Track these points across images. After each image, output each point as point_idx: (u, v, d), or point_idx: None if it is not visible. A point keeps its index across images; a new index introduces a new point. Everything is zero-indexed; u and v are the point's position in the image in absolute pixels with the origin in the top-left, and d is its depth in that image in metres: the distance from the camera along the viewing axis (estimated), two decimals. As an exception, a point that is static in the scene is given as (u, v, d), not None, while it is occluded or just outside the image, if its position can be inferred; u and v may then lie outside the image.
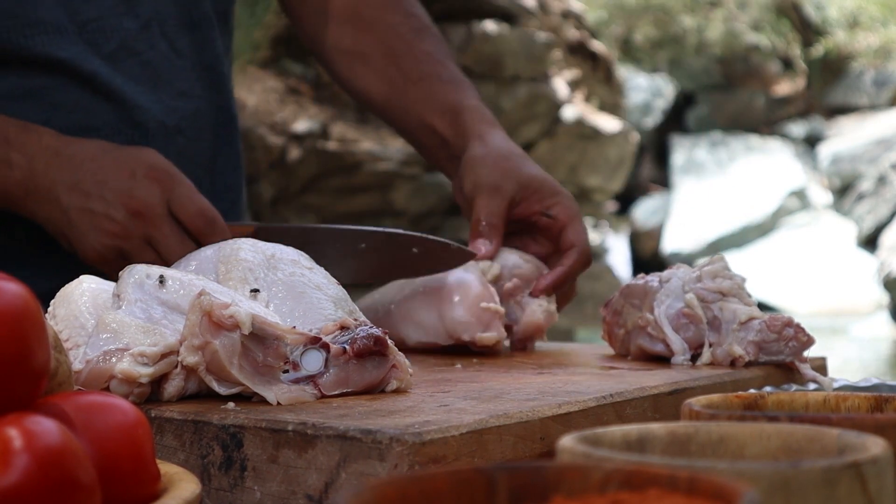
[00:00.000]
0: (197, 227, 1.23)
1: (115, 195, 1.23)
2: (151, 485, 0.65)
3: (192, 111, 1.41)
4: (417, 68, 1.42)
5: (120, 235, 1.23)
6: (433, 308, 1.21)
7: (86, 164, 1.25)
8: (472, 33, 6.28)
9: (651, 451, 0.61)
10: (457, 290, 1.21)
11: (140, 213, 1.23)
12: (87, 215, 1.23)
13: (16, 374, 0.59)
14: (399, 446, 0.73)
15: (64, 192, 1.24)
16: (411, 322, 1.23)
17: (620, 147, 7.78)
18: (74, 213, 1.24)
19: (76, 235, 1.24)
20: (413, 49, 1.44)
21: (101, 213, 1.23)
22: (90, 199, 1.24)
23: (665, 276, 1.17)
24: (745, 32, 12.12)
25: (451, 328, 1.20)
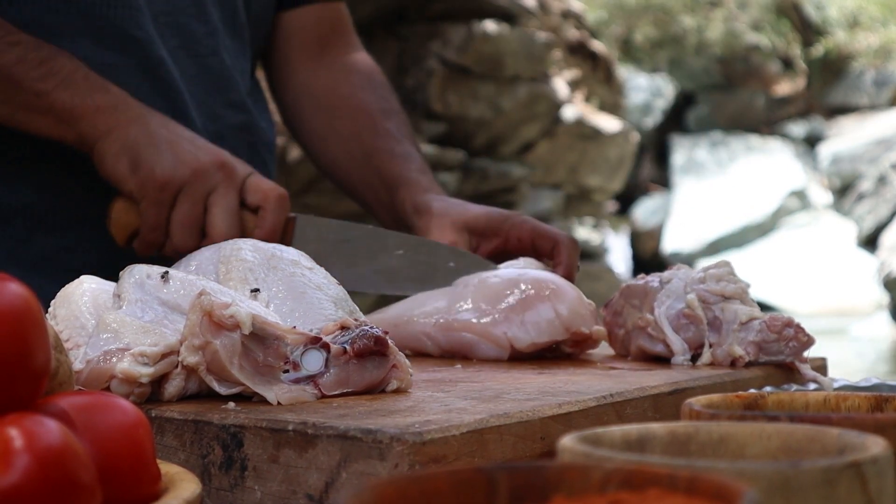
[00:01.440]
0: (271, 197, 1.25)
1: (207, 147, 1.26)
2: (152, 485, 0.65)
3: (236, 123, 1.44)
4: (373, 143, 1.48)
5: (196, 172, 1.23)
6: (545, 306, 1.17)
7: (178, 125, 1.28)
8: (472, 33, 6.28)
9: (651, 450, 0.61)
10: (560, 288, 1.19)
11: (224, 166, 1.24)
12: (174, 146, 1.24)
13: (16, 374, 0.59)
14: (399, 446, 0.73)
15: (156, 123, 1.25)
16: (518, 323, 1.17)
17: (620, 147, 7.78)
18: (161, 140, 1.24)
19: (150, 155, 1.23)
20: (377, 126, 1.50)
21: (187, 150, 1.24)
22: (181, 139, 1.25)
23: (666, 276, 1.17)
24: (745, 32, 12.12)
25: (570, 322, 1.16)
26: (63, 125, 1.25)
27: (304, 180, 5.42)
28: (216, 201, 1.24)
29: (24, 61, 1.23)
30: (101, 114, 1.24)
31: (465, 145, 6.46)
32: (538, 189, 7.23)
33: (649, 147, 11.85)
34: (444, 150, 6.15)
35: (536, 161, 7.07)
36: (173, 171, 1.22)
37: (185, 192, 1.23)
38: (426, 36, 6.25)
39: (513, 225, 1.34)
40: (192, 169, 1.23)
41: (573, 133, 7.31)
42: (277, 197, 1.26)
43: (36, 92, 1.24)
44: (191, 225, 1.23)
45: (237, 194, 1.25)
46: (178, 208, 1.23)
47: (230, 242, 1.05)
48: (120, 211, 1.26)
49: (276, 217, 1.26)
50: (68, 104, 1.24)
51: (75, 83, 1.24)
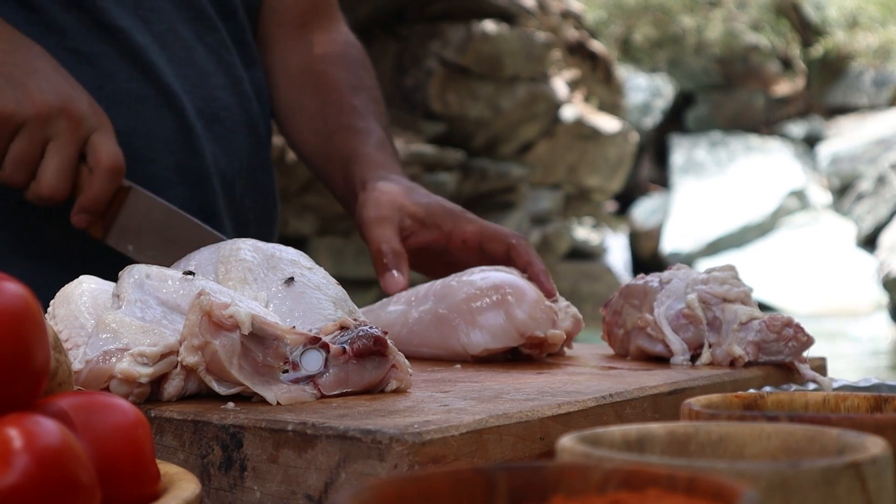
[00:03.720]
0: (104, 163, 1.23)
1: (60, 88, 1.22)
2: (151, 485, 0.65)
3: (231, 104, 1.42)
4: (339, 118, 1.46)
5: (40, 115, 1.20)
6: (497, 311, 1.15)
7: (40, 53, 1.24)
8: (471, 33, 6.28)
9: (650, 450, 0.61)
10: (516, 291, 1.16)
11: (71, 115, 1.22)
12: (24, 78, 1.21)
13: (16, 375, 0.59)
14: (399, 446, 0.73)
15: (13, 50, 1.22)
16: (474, 328, 1.15)
17: (620, 147, 7.78)
18: (12, 69, 1.20)
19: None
20: (343, 102, 1.47)
21: (38, 87, 1.21)
22: (34, 70, 1.22)
23: (665, 276, 1.17)
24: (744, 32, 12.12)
25: (523, 326, 1.14)
26: None
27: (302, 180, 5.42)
28: (52, 150, 1.22)
29: None
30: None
31: (465, 145, 6.46)
32: (537, 189, 7.23)
33: (648, 147, 11.85)
34: (444, 150, 6.15)
35: (536, 161, 7.07)
36: (16, 106, 1.20)
37: (25, 131, 1.21)
38: (425, 36, 6.25)
39: (457, 223, 1.30)
40: (37, 111, 1.20)
41: (572, 133, 7.31)
42: (110, 166, 1.23)
43: None
44: (23, 163, 1.21)
45: (76, 148, 1.23)
46: (15, 144, 1.21)
47: (229, 242, 1.05)
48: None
49: (102, 185, 1.23)
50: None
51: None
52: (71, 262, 1.27)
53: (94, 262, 1.21)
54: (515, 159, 6.88)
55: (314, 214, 5.63)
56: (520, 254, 1.27)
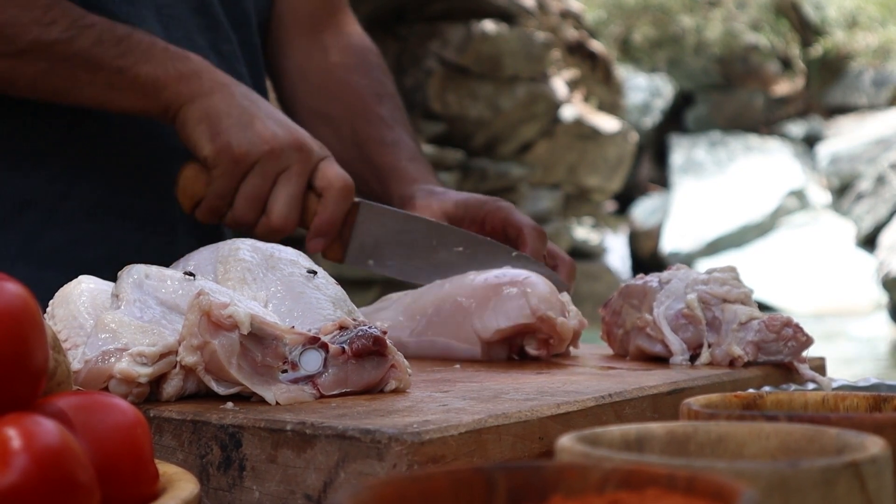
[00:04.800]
0: (336, 186, 1.26)
1: (287, 125, 1.27)
2: (150, 484, 0.65)
3: None
4: (367, 130, 1.49)
5: (274, 150, 1.24)
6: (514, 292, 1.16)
7: (259, 97, 1.28)
8: (471, 33, 6.28)
9: (650, 450, 0.61)
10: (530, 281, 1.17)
11: (301, 147, 1.26)
12: (254, 120, 1.25)
13: (14, 374, 0.59)
14: (398, 446, 0.73)
15: (238, 93, 1.26)
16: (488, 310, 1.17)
17: (619, 147, 7.78)
18: (242, 111, 1.25)
19: (230, 126, 1.24)
20: (369, 112, 1.50)
21: (265, 126, 1.25)
22: (262, 112, 1.26)
23: (665, 276, 1.17)
24: (744, 32, 12.12)
25: (536, 306, 1.15)
26: (148, 98, 1.26)
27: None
28: (284, 182, 1.25)
29: (101, 42, 1.24)
30: (184, 81, 1.25)
31: (464, 145, 6.46)
32: (537, 189, 7.23)
33: (648, 147, 11.85)
34: (443, 150, 6.15)
35: (535, 161, 7.07)
36: (250, 146, 1.24)
37: (258, 167, 1.24)
38: (425, 36, 6.25)
39: (488, 211, 1.35)
40: (270, 147, 1.24)
41: (572, 133, 7.31)
42: (342, 187, 1.27)
43: (117, 69, 1.24)
44: (255, 200, 1.25)
45: (306, 179, 1.26)
46: (247, 182, 1.25)
47: (228, 242, 1.05)
48: (188, 178, 1.28)
49: (336, 207, 1.27)
50: (151, 76, 1.25)
51: (155, 56, 1.25)
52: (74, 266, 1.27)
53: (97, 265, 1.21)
54: (515, 159, 6.88)
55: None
56: (524, 239, 1.31)
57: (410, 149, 1.47)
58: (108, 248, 1.32)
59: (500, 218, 1.34)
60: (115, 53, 1.24)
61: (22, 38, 1.23)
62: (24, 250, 1.30)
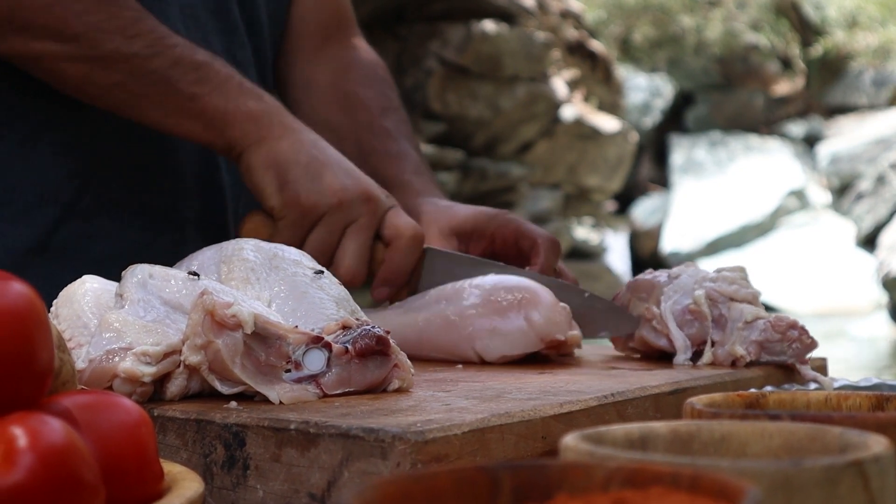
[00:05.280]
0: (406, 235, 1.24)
1: (355, 175, 1.25)
2: (155, 484, 0.65)
3: None
4: (372, 142, 1.47)
5: (343, 203, 1.22)
6: (515, 316, 1.13)
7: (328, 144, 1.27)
8: (471, 33, 6.28)
9: (653, 449, 0.62)
10: (531, 294, 1.15)
11: (369, 199, 1.23)
12: (323, 170, 1.23)
13: (20, 374, 0.59)
14: (402, 445, 0.73)
15: (307, 141, 1.24)
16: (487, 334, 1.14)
17: (619, 147, 7.77)
18: (310, 160, 1.23)
19: (298, 177, 1.22)
20: (375, 125, 1.49)
21: (336, 176, 1.23)
22: (331, 162, 1.24)
23: (674, 272, 1.18)
24: (744, 32, 12.12)
25: (544, 331, 1.12)
26: (213, 130, 1.24)
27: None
28: (352, 234, 1.23)
29: (179, 65, 1.23)
30: (253, 121, 1.23)
31: (464, 145, 6.46)
32: (537, 189, 7.23)
33: (648, 147, 11.85)
34: (443, 150, 6.15)
35: (535, 161, 7.07)
36: (319, 197, 1.22)
37: (326, 220, 1.22)
38: (425, 36, 6.25)
39: (498, 225, 1.33)
40: (339, 199, 1.22)
41: (572, 133, 7.30)
42: (411, 236, 1.24)
43: (190, 96, 1.23)
44: (322, 252, 1.22)
45: (374, 230, 1.24)
46: (315, 234, 1.23)
47: (232, 242, 1.05)
48: (252, 229, 1.25)
49: (404, 258, 1.24)
50: (220, 109, 1.23)
51: (229, 90, 1.24)
52: (85, 262, 1.27)
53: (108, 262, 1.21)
54: (515, 159, 6.88)
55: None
56: (537, 251, 1.29)
57: (415, 162, 1.46)
58: (120, 245, 1.32)
59: (510, 230, 1.32)
60: (190, 79, 1.23)
61: (103, 46, 1.21)
62: (38, 244, 1.31)
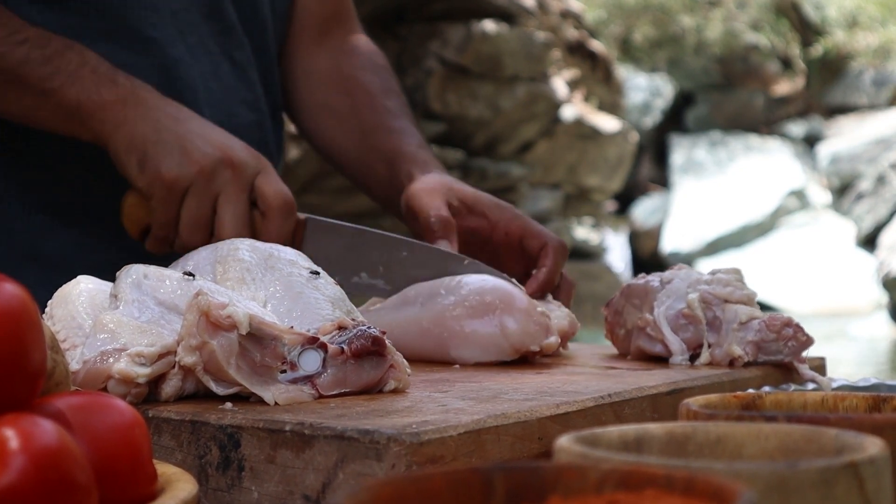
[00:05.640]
0: (274, 205, 1.22)
1: (216, 142, 1.23)
2: (148, 485, 0.65)
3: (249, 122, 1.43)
4: (373, 120, 1.46)
5: (203, 171, 1.20)
6: (489, 324, 1.12)
7: (191, 115, 1.25)
8: (471, 33, 6.28)
9: (648, 451, 0.61)
10: (506, 300, 1.14)
11: (233, 164, 1.21)
12: (181, 141, 1.21)
13: (12, 375, 0.59)
14: (397, 446, 0.73)
15: (164, 117, 1.23)
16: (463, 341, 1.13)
17: (619, 147, 7.78)
18: (168, 135, 1.21)
19: (157, 154, 1.21)
20: (376, 104, 1.48)
21: (195, 146, 1.21)
22: (190, 133, 1.22)
23: (666, 276, 1.17)
24: (744, 32, 12.12)
25: (518, 341, 1.12)
26: (75, 123, 1.24)
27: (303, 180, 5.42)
28: (224, 203, 1.22)
29: (28, 61, 1.22)
30: (109, 109, 1.22)
31: (464, 145, 6.46)
32: (537, 189, 7.23)
33: (648, 147, 11.85)
34: (443, 150, 6.15)
35: (535, 161, 7.07)
36: (179, 170, 1.20)
37: (192, 191, 1.21)
38: (425, 36, 6.25)
39: (503, 215, 1.32)
40: (199, 168, 1.20)
41: (572, 133, 7.31)
42: (281, 205, 1.23)
43: (42, 91, 1.22)
44: (199, 224, 1.22)
45: (246, 195, 1.23)
46: (186, 207, 1.22)
47: (227, 242, 1.05)
48: (132, 206, 1.26)
49: (279, 225, 1.23)
50: (74, 101, 1.22)
51: (81, 78, 1.23)
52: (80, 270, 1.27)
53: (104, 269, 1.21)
54: (515, 159, 6.88)
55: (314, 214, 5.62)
56: (546, 254, 1.28)
57: (419, 138, 1.45)
58: (114, 252, 1.32)
59: (517, 226, 1.30)
60: (41, 74, 1.22)
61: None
62: (31, 253, 1.30)
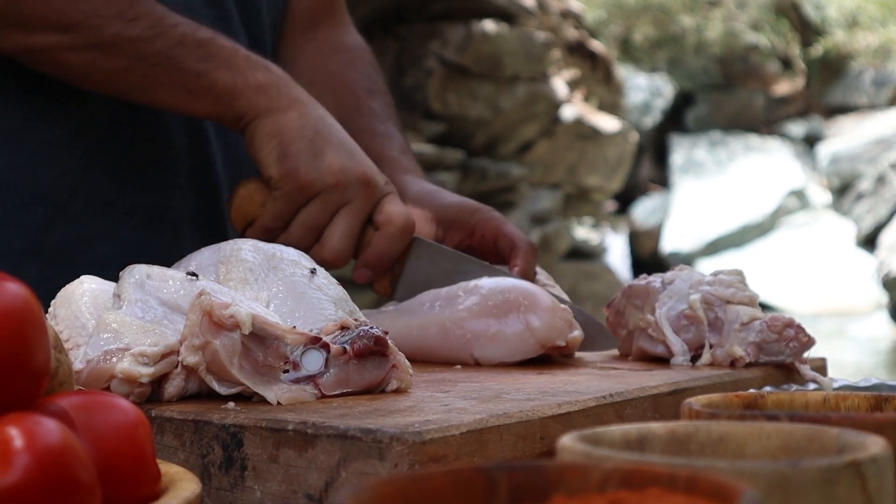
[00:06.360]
0: (397, 223, 1.24)
1: (358, 157, 1.24)
2: (152, 484, 0.65)
3: None
4: (357, 122, 1.46)
5: (340, 184, 1.22)
6: (515, 322, 1.12)
7: (335, 121, 1.26)
8: (471, 33, 6.28)
9: (651, 450, 0.62)
10: (530, 299, 1.13)
11: (367, 183, 1.23)
12: (325, 147, 1.22)
13: (16, 374, 0.59)
14: (399, 445, 0.73)
15: (313, 115, 1.24)
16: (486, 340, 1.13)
17: (619, 147, 7.78)
18: (315, 136, 1.22)
19: (300, 150, 1.22)
20: (360, 105, 1.48)
21: (339, 155, 1.22)
22: (334, 138, 1.24)
23: (668, 277, 1.17)
24: (744, 32, 12.13)
25: (545, 337, 1.11)
26: (222, 105, 1.24)
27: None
28: (344, 216, 1.23)
29: (182, 44, 1.23)
30: (262, 92, 1.23)
31: (464, 145, 6.46)
32: (537, 189, 7.23)
33: (648, 147, 11.85)
34: (443, 150, 6.15)
35: (535, 161, 7.07)
36: (317, 175, 1.21)
37: (321, 198, 1.22)
38: (425, 36, 6.25)
39: (479, 220, 1.33)
40: (337, 180, 1.22)
41: (572, 133, 7.31)
42: (402, 225, 1.24)
43: (197, 73, 1.23)
44: (312, 229, 1.23)
45: (367, 214, 1.24)
46: (307, 210, 1.23)
47: (230, 243, 1.05)
48: (245, 196, 1.25)
49: (391, 245, 1.24)
50: (229, 83, 1.23)
51: (236, 63, 1.24)
52: (81, 263, 1.27)
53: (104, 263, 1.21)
54: (515, 159, 6.88)
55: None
56: (515, 255, 1.29)
57: (401, 142, 1.46)
58: (115, 245, 1.32)
59: (490, 228, 1.32)
60: (195, 57, 1.23)
61: (103, 32, 1.21)
62: (32, 247, 1.30)
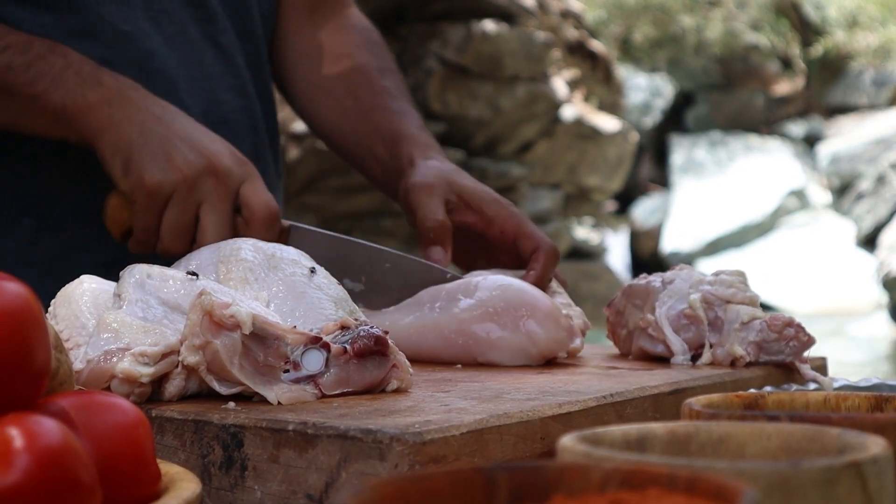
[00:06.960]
0: (258, 215, 1.21)
1: (202, 148, 1.21)
2: (152, 484, 0.65)
3: (238, 107, 1.42)
4: (371, 100, 1.45)
5: (187, 180, 1.19)
6: (516, 331, 1.12)
7: (177, 115, 1.24)
8: (471, 33, 6.28)
9: (651, 450, 0.62)
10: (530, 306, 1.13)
11: (217, 173, 1.20)
12: (166, 146, 1.20)
13: (17, 374, 0.59)
14: (399, 446, 0.73)
15: (150, 119, 1.22)
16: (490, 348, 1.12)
17: (619, 147, 7.78)
18: (153, 139, 1.20)
19: (141, 158, 1.20)
20: (373, 83, 1.47)
21: (180, 152, 1.20)
22: (175, 137, 1.21)
23: (668, 276, 1.17)
24: (744, 32, 12.12)
25: (547, 348, 1.11)
26: (61, 126, 1.23)
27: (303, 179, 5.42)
28: (207, 211, 1.21)
29: (11, 67, 1.21)
30: (94, 111, 1.21)
31: (464, 145, 6.46)
32: (537, 189, 7.23)
33: (648, 147, 11.84)
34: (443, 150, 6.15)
35: (535, 161, 7.07)
36: (163, 176, 1.19)
37: (175, 198, 1.20)
38: (425, 36, 6.26)
39: (499, 212, 1.31)
40: (183, 176, 1.19)
41: (572, 133, 7.31)
42: (265, 215, 1.21)
43: (28, 96, 1.21)
44: (181, 231, 1.21)
45: (229, 204, 1.22)
46: (168, 214, 1.21)
47: (230, 242, 1.05)
48: (114, 208, 1.25)
49: (262, 235, 1.21)
50: (60, 105, 1.21)
51: (65, 81, 1.22)
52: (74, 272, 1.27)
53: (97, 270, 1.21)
54: (515, 159, 6.88)
55: (314, 214, 5.63)
56: (538, 258, 1.27)
57: (418, 119, 1.44)
58: (106, 252, 1.32)
59: (513, 224, 1.29)
60: (25, 80, 1.21)
61: None
62: (22, 258, 1.30)
